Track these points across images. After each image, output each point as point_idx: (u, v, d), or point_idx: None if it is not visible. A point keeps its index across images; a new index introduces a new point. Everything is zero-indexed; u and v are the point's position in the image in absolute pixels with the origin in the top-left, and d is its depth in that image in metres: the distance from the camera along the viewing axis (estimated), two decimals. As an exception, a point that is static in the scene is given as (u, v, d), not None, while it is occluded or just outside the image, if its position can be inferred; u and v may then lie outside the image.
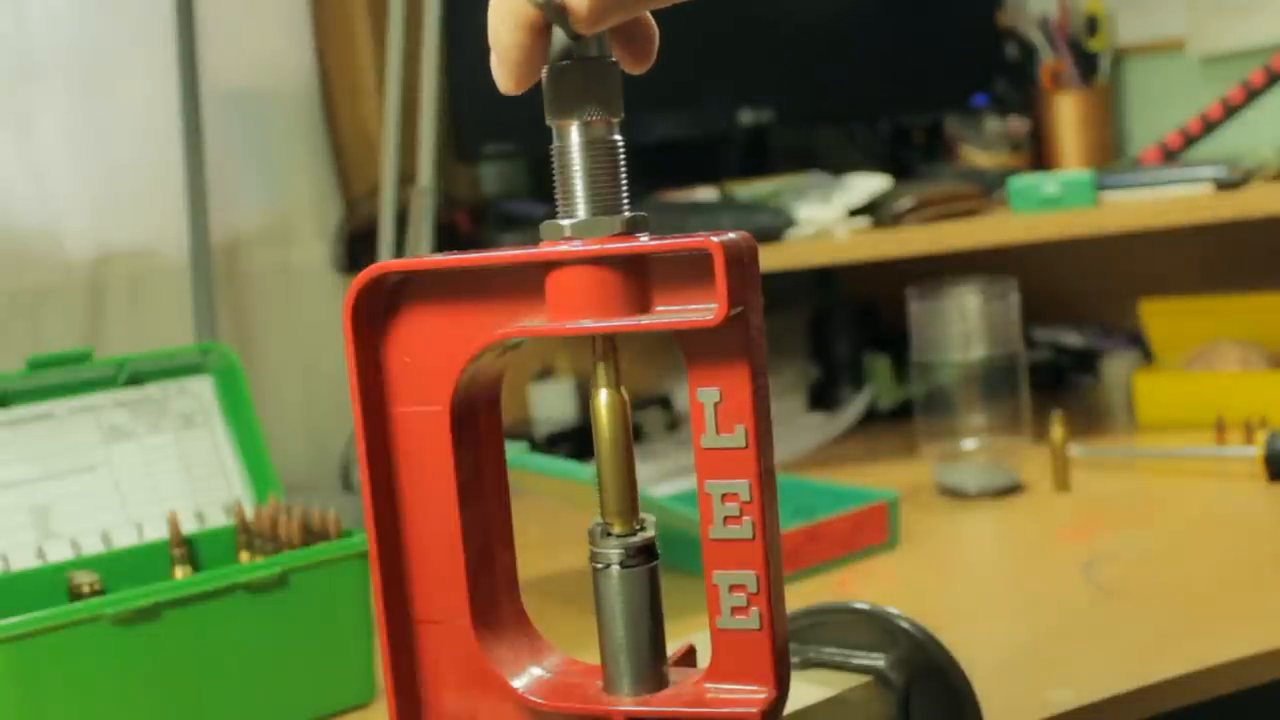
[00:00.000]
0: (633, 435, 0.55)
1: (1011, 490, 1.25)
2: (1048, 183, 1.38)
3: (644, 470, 1.39)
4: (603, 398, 0.54)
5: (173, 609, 0.79)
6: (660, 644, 0.56)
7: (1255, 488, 1.20)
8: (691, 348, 0.51)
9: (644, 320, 0.51)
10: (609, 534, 0.55)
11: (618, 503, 0.55)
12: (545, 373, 1.60)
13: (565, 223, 0.52)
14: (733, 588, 0.53)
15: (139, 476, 0.95)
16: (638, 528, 0.55)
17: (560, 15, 0.49)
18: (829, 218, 1.39)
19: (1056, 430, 1.24)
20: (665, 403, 1.59)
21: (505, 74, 0.51)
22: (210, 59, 1.42)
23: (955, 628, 0.71)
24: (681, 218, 1.37)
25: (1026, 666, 0.85)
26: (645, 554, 0.55)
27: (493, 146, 1.51)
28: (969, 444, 1.28)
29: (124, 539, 0.93)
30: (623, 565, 0.54)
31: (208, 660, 0.80)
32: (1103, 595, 0.96)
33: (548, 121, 0.52)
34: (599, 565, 0.55)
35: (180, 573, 0.90)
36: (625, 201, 0.53)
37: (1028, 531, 1.16)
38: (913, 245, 1.37)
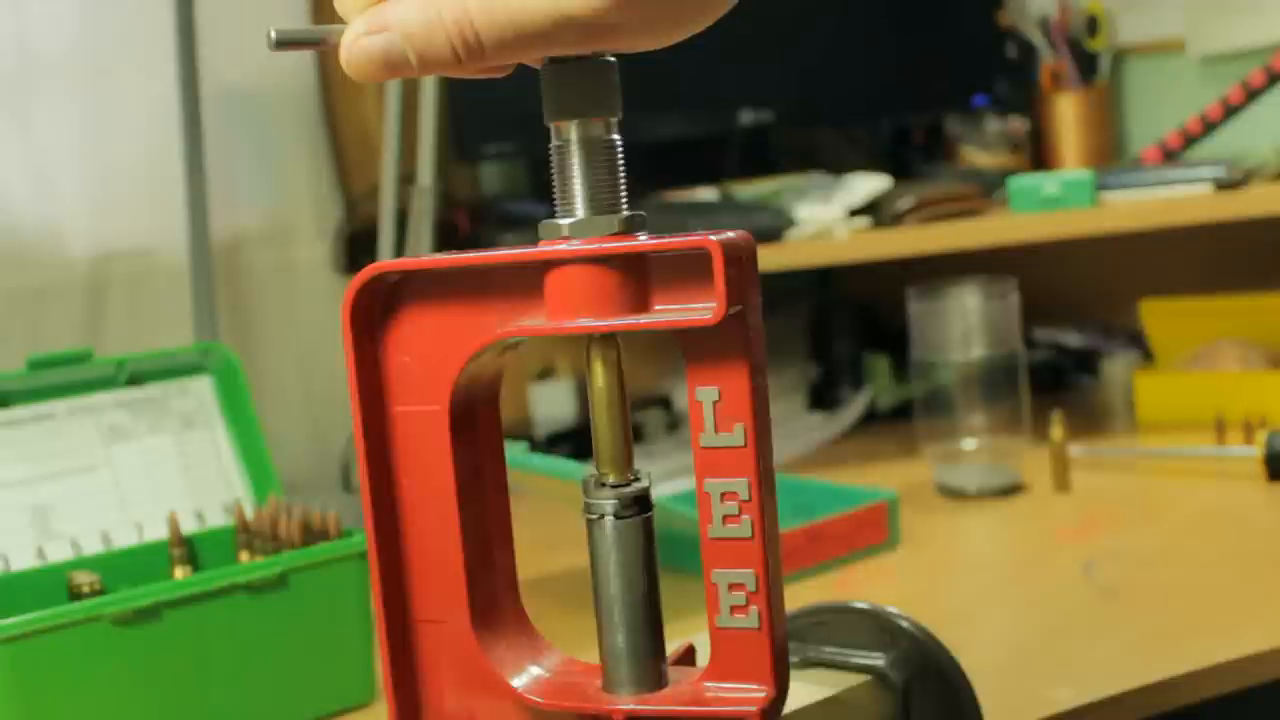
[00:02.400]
0: (626, 388, 0.55)
1: (1011, 490, 1.25)
2: (1048, 183, 1.38)
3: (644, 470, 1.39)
4: (598, 350, 0.54)
5: (173, 609, 0.79)
6: (659, 640, 0.56)
7: (1255, 488, 1.20)
8: (691, 347, 0.51)
9: (643, 319, 0.51)
10: (603, 484, 0.55)
11: (612, 451, 0.54)
12: (545, 373, 1.60)
13: (564, 222, 0.52)
14: (732, 586, 0.52)
15: (139, 476, 0.95)
16: (632, 478, 0.55)
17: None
18: (829, 218, 1.39)
19: (1056, 430, 1.24)
20: (665, 403, 1.59)
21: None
22: (210, 59, 1.42)
23: (955, 628, 0.71)
24: (681, 218, 1.37)
25: (1026, 666, 0.85)
26: (640, 504, 0.54)
27: (493, 146, 1.51)
28: (969, 444, 1.28)
29: (124, 539, 0.93)
30: (617, 516, 0.54)
31: (208, 660, 0.80)
32: (1103, 595, 0.96)
33: (546, 121, 0.52)
34: (593, 516, 0.54)
35: (180, 573, 0.89)
36: (624, 201, 0.52)
37: (1028, 531, 1.16)
38: (913, 245, 1.37)
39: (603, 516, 0.54)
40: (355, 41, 0.48)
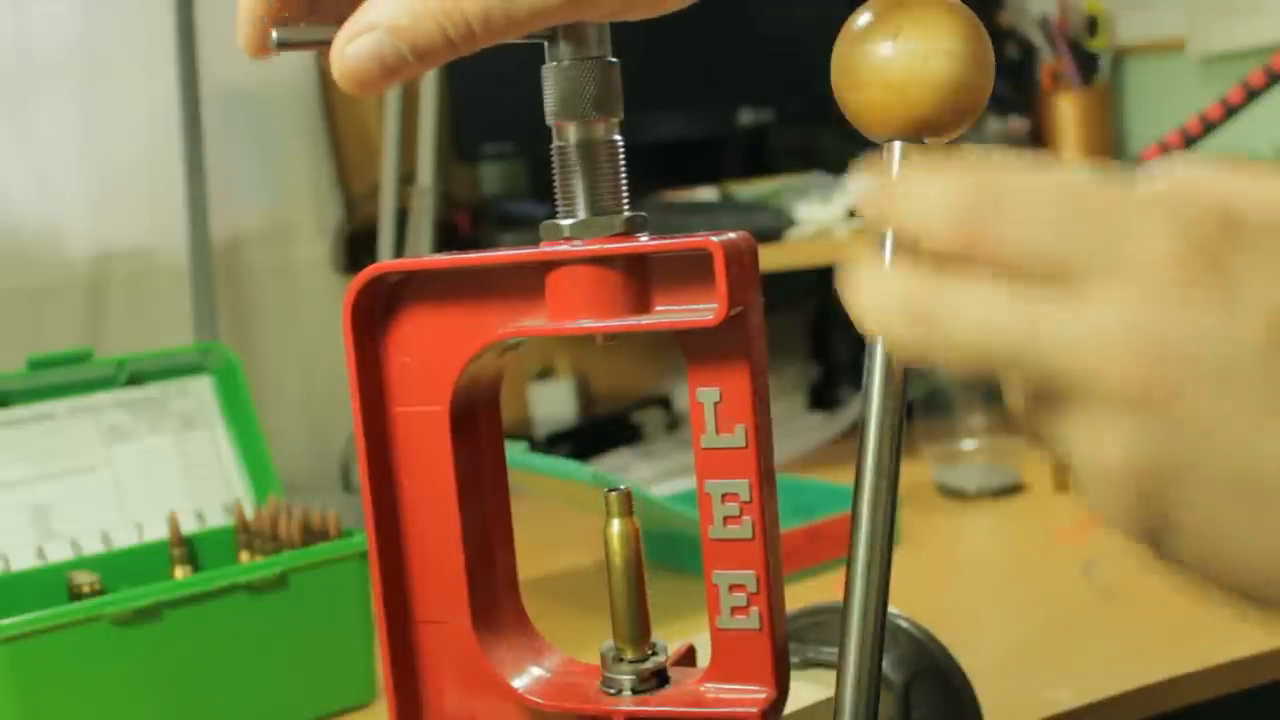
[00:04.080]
0: (643, 561, 0.55)
1: (1011, 490, 1.25)
2: (1048, 183, 1.38)
3: (644, 470, 1.39)
4: (615, 526, 0.54)
5: (173, 609, 0.79)
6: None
7: (1255, 488, 1.20)
8: (692, 348, 0.51)
9: (644, 320, 0.51)
10: (621, 659, 0.55)
11: (630, 629, 0.55)
12: (545, 373, 1.60)
13: (565, 223, 0.52)
14: (733, 587, 0.52)
15: (139, 476, 0.95)
16: (650, 653, 0.55)
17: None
18: (829, 218, 1.39)
19: (1056, 430, 1.24)
20: (665, 403, 1.59)
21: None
22: (210, 59, 1.42)
23: (955, 628, 0.71)
24: (682, 218, 1.37)
25: (1026, 666, 0.85)
26: (657, 678, 0.55)
27: (493, 146, 1.51)
28: (969, 444, 1.28)
29: (124, 539, 0.93)
30: (634, 691, 0.54)
31: (208, 660, 0.80)
32: (1103, 595, 0.96)
33: (548, 122, 0.52)
34: (610, 690, 0.55)
35: (180, 573, 0.89)
36: (625, 201, 0.52)
37: (1028, 531, 1.16)
38: (913, 245, 1.37)
39: (620, 691, 0.55)
40: (342, 50, 0.47)
